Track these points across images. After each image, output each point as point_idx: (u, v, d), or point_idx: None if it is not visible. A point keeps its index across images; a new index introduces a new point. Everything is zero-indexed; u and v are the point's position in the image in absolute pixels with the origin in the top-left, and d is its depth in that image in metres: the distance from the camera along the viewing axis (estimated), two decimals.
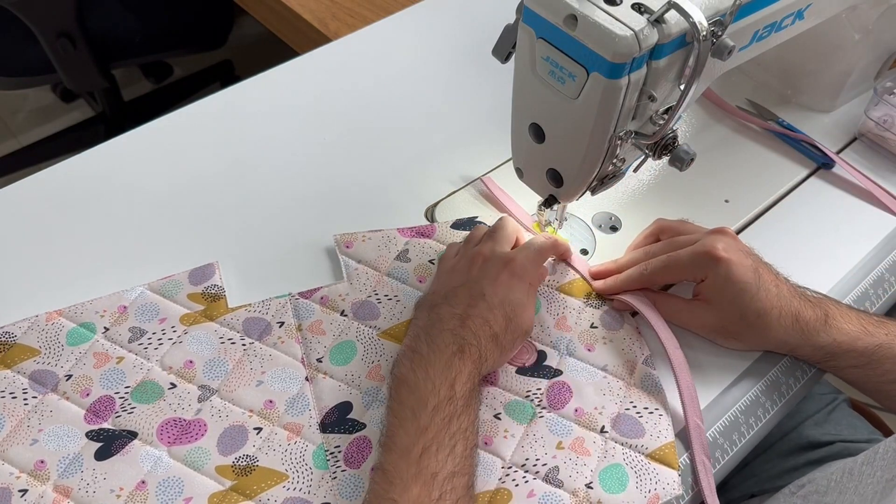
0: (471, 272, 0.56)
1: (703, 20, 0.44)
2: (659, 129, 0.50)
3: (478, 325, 0.52)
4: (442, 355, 0.50)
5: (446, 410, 0.47)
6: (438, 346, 0.51)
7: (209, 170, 0.70)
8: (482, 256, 0.57)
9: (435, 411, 0.47)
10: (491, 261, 0.56)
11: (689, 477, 0.53)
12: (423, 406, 0.47)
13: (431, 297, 0.57)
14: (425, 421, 0.47)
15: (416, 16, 0.89)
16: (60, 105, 1.80)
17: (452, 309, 0.53)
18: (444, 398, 0.48)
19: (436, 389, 0.48)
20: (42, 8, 1.16)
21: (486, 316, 0.53)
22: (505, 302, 0.54)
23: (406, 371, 0.50)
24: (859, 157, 0.75)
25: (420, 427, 0.47)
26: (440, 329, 0.52)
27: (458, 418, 0.48)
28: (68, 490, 0.50)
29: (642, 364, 0.58)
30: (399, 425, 0.48)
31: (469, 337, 0.51)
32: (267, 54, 1.03)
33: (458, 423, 0.47)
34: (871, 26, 0.70)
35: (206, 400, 0.54)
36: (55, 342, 0.56)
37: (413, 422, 0.47)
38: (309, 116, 0.76)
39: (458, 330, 0.52)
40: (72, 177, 0.69)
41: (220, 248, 0.64)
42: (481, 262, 0.56)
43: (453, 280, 0.56)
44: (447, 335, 0.51)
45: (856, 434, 0.71)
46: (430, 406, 0.47)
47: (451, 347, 0.50)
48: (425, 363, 0.50)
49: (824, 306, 0.56)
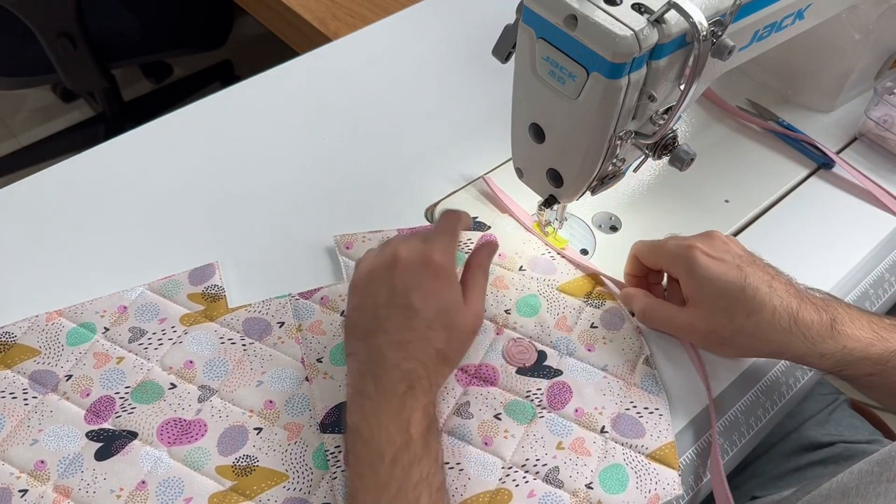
0: (393, 281, 0.51)
1: (703, 20, 0.44)
2: (659, 129, 0.50)
3: (420, 350, 0.49)
4: (392, 397, 0.47)
5: (405, 459, 0.45)
6: (386, 386, 0.48)
7: (209, 170, 0.70)
8: (400, 260, 0.51)
9: (393, 463, 0.45)
10: (410, 262, 0.51)
11: (692, 475, 0.53)
12: (380, 459, 0.45)
13: (359, 317, 0.52)
14: (385, 476, 0.45)
15: (416, 16, 0.89)
16: (60, 105, 1.80)
17: (388, 336, 0.49)
18: (401, 445, 0.46)
19: (391, 438, 0.46)
20: (42, 8, 1.16)
21: (426, 335, 0.49)
22: (439, 312, 0.50)
23: (358, 420, 0.47)
24: (859, 157, 0.75)
25: (380, 483, 0.44)
26: (384, 366, 0.48)
27: (418, 464, 0.45)
28: (68, 490, 0.50)
29: (642, 364, 0.58)
30: (360, 483, 0.46)
31: (415, 367, 0.48)
32: (267, 54, 1.03)
33: (418, 471, 0.45)
34: (871, 26, 0.70)
35: (207, 400, 0.54)
36: (55, 342, 0.56)
37: (372, 478, 0.45)
38: (309, 116, 0.76)
39: (401, 362, 0.48)
40: (72, 177, 0.69)
41: (220, 249, 0.64)
42: (401, 267, 0.51)
43: (376, 292, 0.51)
44: (393, 372, 0.48)
45: (857, 434, 0.71)
46: (387, 458, 0.45)
47: (400, 386, 0.48)
48: (376, 409, 0.47)
49: (831, 310, 0.52)
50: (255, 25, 1.19)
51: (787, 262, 0.59)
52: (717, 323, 0.53)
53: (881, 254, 0.68)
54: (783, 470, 0.68)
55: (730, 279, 0.52)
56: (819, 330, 0.51)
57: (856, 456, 0.67)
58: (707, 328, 0.54)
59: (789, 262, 0.59)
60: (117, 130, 0.73)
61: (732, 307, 0.52)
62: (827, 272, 0.65)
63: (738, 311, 0.51)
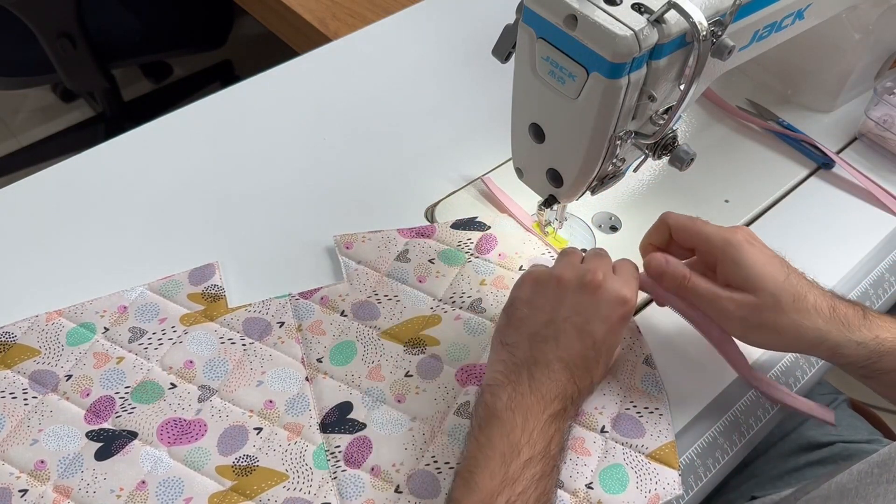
0: (583, 299, 0.51)
1: (703, 20, 0.44)
2: (659, 129, 0.50)
3: (581, 379, 0.50)
4: (546, 409, 0.47)
5: (537, 468, 0.45)
6: (544, 396, 0.48)
7: (209, 170, 0.70)
8: (601, 289, 0.51)
9: (527, 465, 0.45)
10: (607, 294, 0.51)
11: (692, 475, 0.53)
12: (515, 454, 0.45)
13: (530, 314, 0.52)
14: (515, 471, 0.44)
15: (416, 16, 0.89)
16: (60, 105, 1.80)
17: (559, 352, 0.49)
18: (539, 454, 0.46)
19: (533, 442, 0.46)
20: (42, 8, 1.16)
21: (591, 367, 0.50)
22: (610, 350, 0.52)
23: (504, 408, 0.47)
24: (859, 157, 0.75)
25: (508, 476, 0.44)
26: (546, 374, 0.49)
27: (544, 480, 0.45)
28: (68, 490, 0.50)
29: (643, 364, 0.58)
30: (485, 465, 0.45)
31: (574, 394, 0.49)
32: (267, 54, 1.02)
33: (543, 485, 0.45)
34: (871, 26, 0.70)
35: (207, 400, 0.54)
36: (55, 342, 0.56)
37: (501, 467, 0.45)
38: (309, 116, 0.76)
39: (565, 383, 0.49)
40: (72, 177, 0.69)
41: (220, 249, 0.64)
42: (598, 293, 0.51)
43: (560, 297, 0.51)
44: (553, 386, 0.48)
45: (856, 434, 0.71)
46: (523, 457, 0.45)
47: (556, 405, 0.48)
48: (526, 407, 0.47)
49: (858, 305, 0.52)
50: (255, 25, 1.19)
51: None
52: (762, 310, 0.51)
53: (881, 254, 0.68)
54: (782, 470, 0.68)
55: (777, 269, 0.51)
56: (854, 319, 0.51)
57: (855, 456, 0.67)
58: (748, 314, 0.52)
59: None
60: (117, 130, 0.73)
61: (779, 296, 0.51)
62: (827, 272, 0.65)
63: (785, 300, 0.50)
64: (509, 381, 0.49)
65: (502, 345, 0.52)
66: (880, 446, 0.69)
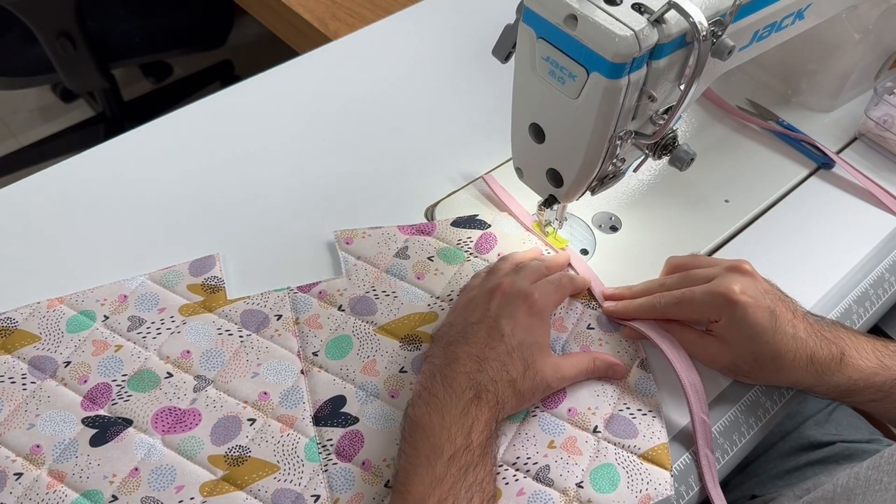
0: (489, 306, 0.54)
1: (703, 20, 0.44)
2: (659, 129, 0.50)
3: (495, 370, 0.51)
4: (459, 400, 0.49)
5: (463, 460, 0.46)
6: (455, 389, 0.49)
7: (210, 170, 0.70)
8: (501, 290, 0.55)
9: (451, 461, 0.46)
10: (510, 295, 0.55)
11: (692, 475, 0.53)
12: (438, 454, 0.46)
13: (448, 330, 0.55)
14: (441, 471, 0.45)
15: (416, 16, 0.89)
16: (60, 105, 1.80)
17: (469, 348, 0.52)
18: (461, 447, 0.47)
19: (452, 437, 0.47)
20: (42, 8, 1.16)
21: (504, 360, 0.51)
22: (523, 345, 0.53)
23: (421, 414, 0.49)
24: (859, 157, 0.75)
25: (435, 477, 0.45)
26: (456, 371, 0.50)
27: (474, 469, 0.46)
28: (62, 475, 0.50)
29: (637, 367, 0.58)
30: (413, 472, 0.46)
31: (486, 382, 0.50)
32: (267, 54, 1.02)
33: (474, 475, 0.46)
34: (871, 26, 0.70)
35: (202, 390, 0.55)
36: (55, 329, 0.57)
37: (428, 470, 0.46)
38: (309, 116, 0.76)
39: (474, 374, 0.50)
40: (72, 177, 0.69)
41: (221, 243, 0.64)
42: (500, 295, 0.55)
43: (471, 313, 0.55)
44: (463, 378, 0.50)
45: (856, 434, 0.71)
46: (445, 455, 0.46)
47: (468, 393, 0.49)
48: (441, 407, 0.48)
49: (840, 343, 0.53)
50: (255, 25, 1.19)
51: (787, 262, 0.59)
52: (742, 360, 0.55)
53: (881, 254, 0.68)
54: (783, 469, 0.68)
55: (763, 325, 0.53)
56: (830, 365, 0.53)
57: (855, 455, 0.67)
58: (730, 362, 0.56)
59: (789, 262, 0.59)
60: (117, 130, 0.73)
61: (760, 351, 0.53)
62: (827, 272, 0.65)
63: (765, 356, 0.53)
64: (425, 389, 0.51)
65: (425, 361, 0.55)
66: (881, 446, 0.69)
